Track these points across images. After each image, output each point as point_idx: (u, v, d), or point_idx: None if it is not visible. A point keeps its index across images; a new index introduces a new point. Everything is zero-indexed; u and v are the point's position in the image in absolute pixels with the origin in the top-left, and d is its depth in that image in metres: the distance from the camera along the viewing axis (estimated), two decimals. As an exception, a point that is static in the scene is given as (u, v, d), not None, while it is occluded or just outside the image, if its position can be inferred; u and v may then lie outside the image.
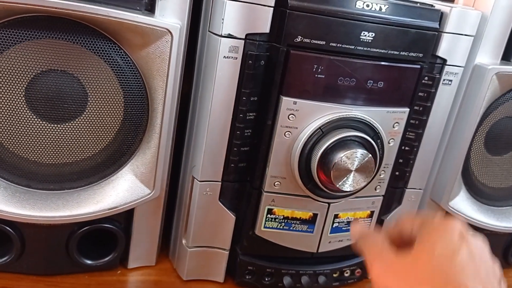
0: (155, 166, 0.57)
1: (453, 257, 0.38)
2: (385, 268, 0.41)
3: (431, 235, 0.41)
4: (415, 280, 0.38)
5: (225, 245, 0.62)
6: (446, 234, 0.40)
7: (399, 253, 0.41)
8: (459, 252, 0.39)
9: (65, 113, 0.52)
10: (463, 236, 0.40)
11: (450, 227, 0.41)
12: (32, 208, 0.55)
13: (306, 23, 0.51)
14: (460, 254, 0.38)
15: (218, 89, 0.54)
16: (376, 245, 0.44)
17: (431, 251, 0.39)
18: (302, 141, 0.55)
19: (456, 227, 0.41)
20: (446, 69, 0.59)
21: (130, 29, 0.49)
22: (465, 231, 0.41)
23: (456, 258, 0.38)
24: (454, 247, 0.39)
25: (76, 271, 0.62)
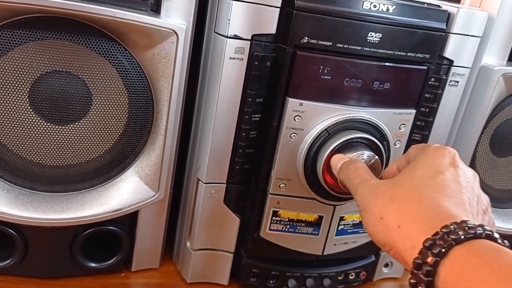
0: (160, 168, 0.56)
1: (434, 177, 0.39)
2: (368, 189, 0.42)
3: (419, 161, 0.42)
4: (391, 197, 0.39)
5: (229, 248, 0.62)
6: (436, 158, 0.41)
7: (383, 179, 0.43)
8: (442, 174, 0.39)
9: (69, 115, 0.52)
10: (453, 162, 0.40)
11: (442, 153, 0.41)
12: (35, 211, 0.54)
13: (313, 24, 0.51)
14: (443, 175, 0.39)
15: (223, 90, 0.53)
16: (359, 172, 0.45)
17: (412, 174, 0.40)
18: (308, 143, 0.55)
19: (448, 154, 0.41)
20: (453, 70, 0.59)
21: (135, 30, 0.49)
22: (457, 159, 0.41)
23: (437, 178, 0.39)
24: (439, 169, 0.39)
25: (80, 274, 0.61)
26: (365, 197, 0.42)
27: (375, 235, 0.39)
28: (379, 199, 0.40)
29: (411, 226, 0.36)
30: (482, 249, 0.32)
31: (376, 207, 0.39)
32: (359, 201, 0.42)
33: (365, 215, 0.41)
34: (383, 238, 0.38)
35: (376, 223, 0.39)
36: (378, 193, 0.41)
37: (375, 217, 0.39)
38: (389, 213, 0.38)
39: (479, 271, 0.31)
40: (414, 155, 0.44)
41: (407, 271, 0.73)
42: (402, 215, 0.37)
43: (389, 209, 0.38)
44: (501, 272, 0.30)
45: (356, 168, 0.47)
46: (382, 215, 0.38)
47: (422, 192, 0.38)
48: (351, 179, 0.46)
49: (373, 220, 0.39)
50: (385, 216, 0.38)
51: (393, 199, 0.39)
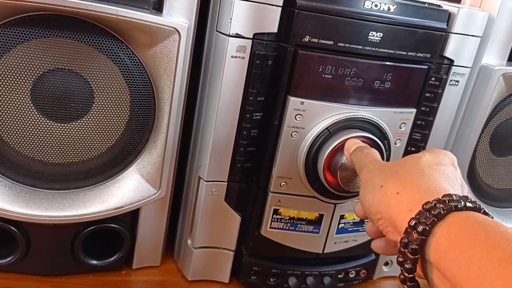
0: (161, 166, 0.57)
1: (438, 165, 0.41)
2: (376, 166, 0.44)
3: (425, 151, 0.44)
4: (395, 171, 0.41)
5: (230, 246, 0.62)
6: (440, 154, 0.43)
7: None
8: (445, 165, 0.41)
9: (71, 112, 0.52)
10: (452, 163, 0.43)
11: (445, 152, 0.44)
12: (37, 208, 0.54)
13: (314, 23, 0.51)
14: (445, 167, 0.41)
15: (225, 88, 0.53)
16: (372, 155, 0.47)
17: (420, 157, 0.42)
18: (309, 141, 0.55)
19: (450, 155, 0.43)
20: (453, 69, 0.59)
21: (138, 28, 0.49)
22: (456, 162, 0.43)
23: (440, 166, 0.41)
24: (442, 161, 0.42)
25: (81, 271, 0.61)
26: (371, 171, 0.43)
27: (369, 202, 0.41)
28: (383, 172, 0.42)
29: (410, 193, 0.38)
30: (481, 217, 0.33)
31: (378, 178, 0.41)
32: (364, 175, 0.44)
33: (364, 185, 0.43)
34: (378, 204, 0.40)
35: (374, 190, 0.41)
36: (384, 168, 0.43)
37: (374, 185, 0.41)
38: (390, 182, 0.40)
39: (475, 235, 0.31)
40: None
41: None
42: (402, 184, 0.39)
43: (390, 179, 0.40)
44: (495, 237, 0.31)
45: (370, 151, 0.48)
46: (383, 183, 0.40)
47: (425, 172, 0.40)
48: (362, 159, 0.47)
49: (372, 188, 0.41)
50: (385, 184, 0.40)
51: (397, 173, 0.40)
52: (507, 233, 0.31)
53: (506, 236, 0.31)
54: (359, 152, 0.49)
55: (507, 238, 0.30)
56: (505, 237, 0.30)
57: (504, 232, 0.31)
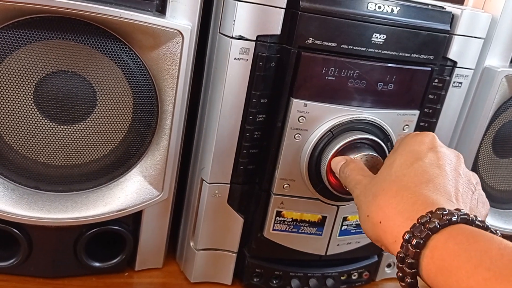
0: (164, 168, 0.57)
1: (412, 164, 0.40)
2: (360, 191, 0.43)
3: (397, 151, 0.42)
4: (374, 193, 0.40)
5: (233, 248, 0.62)
6: (414, 145, 0.42)
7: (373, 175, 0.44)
8: (420, 160, 0.40)
9: (74, 115, 0.52)
10: (432, 147, 0.41)
11: (420, 139, 0.42)
12: (40, 210, 0.54)
13: (318, 25, 0.51)
14: (421, 162, 0.39)
15: (228, 90, 0.53)
16: (352, 174, 0.47)
17: (390, 165, 0.41)
18: (312, 143, 0.55)
19: (426, 139, 0.42)
20: (456, 71, 0.59)
21: (141, 31, 0.49)
22: (436, 143, 0.41)
23: (415, 165, 0.39)
24: (417, 155, 0.40)
25: (84, 274, 0.61)
26: (358, 197, 0.43)
27: (366, 232, 0.41)
28: (366, 197, 0.41)
29: (390, 220, 0.37)
30: (459, 236, 0.33)
31: (364, 206, 0.41)
32: (355, 202, 0.44)
33: (359, 212, 0.42)
34: (372, 234, 0.40)
35: (365, 220, 0.40)
36: (366, 192, 0.42)
37: (363, 215, 0.40)
38: (372, 210, 0.39)
39: (457, 257, 0.31)
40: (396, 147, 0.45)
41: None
42: (382, 210, 0.38)
43: (372, 206, 0.39)
44: (476, 257, 0.30)
45: (350, 170, 0.48)
46: (368, 212, 0.40)
47: (400, 183, 0.39)
48: (348, 183, 0.47)
49: (363, 218, 0.41)
50: (370, 213, 0.39)
51: (375, 195, 0.40)
52: (487, 248, 0.31)
53: (487, 252, 0.30)
54: (342, 174, 0.49)
55: (488, 254, 0.30)
56: (486, 253, 0.30)
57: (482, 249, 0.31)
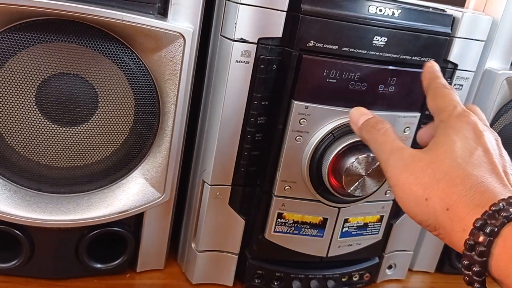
0: (166, 170, 0.57)
1: (470, 154, 0.38)
2: (403, 163, 0.40)
3: (449, 134, 0.41)
4: (434, 176, 0.38)
5: (234, 249, 0.62)
6: (462, 132, 0.40)
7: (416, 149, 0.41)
8: (475, 151, 0.39)
9: (76, 116, 0.52)
10: (477, 134, 0.40)
11: (467, 123, 0.41)
12: (42, 212, 0.54)
13: (319, 28, 0.51)
14: (477, 152, 0.39)
15: (229, 93, 0.54)
16: (389, 136, 0.44)
17: (449, 149, 0.39)
18: (313, 145, 0.55)
19: (470, 126, 0.40)
20: (457, 74, 0.59)
21: (143, 33, 0.49)
22: (479, 129, 0.40)
23: (473, 155, 0.38)
24: (471, 145, 0.39)
25: (86, 275, 0.61)
26: (401, 172, 0.40)
27: (417, 215, 0.38)
28: (420, 177, 0.38)
29: (459, 208, 0.35)
30: None
31: (418, 187, 0.38)
32: (391, 174, 0.40)
33: (401, 193, 0.39)
34: (428, 219, 0.37)
35: (419, 203, 0.38)
36: (416, 169, 0.39)
37: (418, 197, 0.38)
38: (435, 195, 0.37)
39: None
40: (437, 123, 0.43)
41: (411, 272, 0.74)
42: (448, 197, 0.36)
43: (434, 191, 0.37)
44: None
45: (385, 130, 0.44)
46: (427, 196, 0.37)
47: (465, 171, 0.37)
48: (380, 143, 0.43)
49: (416, 200, 0.38)
50: (430, 198, 0.37)
51: (436, 179, 0.37)
52: None
53: None
54: (373, 129, 0.45)
55: None
56: None
57: None
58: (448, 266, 0.75)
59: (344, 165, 0.53)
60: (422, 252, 0.73)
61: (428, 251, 0.73)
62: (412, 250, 0.71)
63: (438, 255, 0.74)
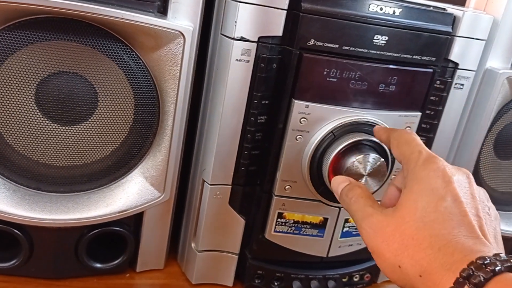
0: (166, 169, 0.57)
1: (436, 209, 0.37)
2: (374, 229, 0.40)
3: (413, 190, 0.39)
4: (401, 242, 0.37)
5: (234, 249, 0.62)
6: (428, 184, 0.39)
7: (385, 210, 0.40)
8: (442, 202, 0.37)
9: (75, 115, 0.52)
10: (445, 180, 0.38)
11: (433, 172, 0.39)
12: (41, 211, 0.54)
13: (319, 26, 0.51)
14: (444, 203, 0.37)
15: (229, 92, 0.53)
16: (359, 204, 0.43)
17: (413, 209, 0.38)
18: (313, 145, 0.55)
19: (437, 173, 0.39)
20: (458, 73, 0.59)
21: (143, 32, 0.49)
22: (448, 174, 0.39)
23: (439, 209, 0.37)
24: (437, 197, 0.38)
25: (85, 275, 0.61)
26: (373, 239, 0.39)
27: (395, 281, 0.38)
28: (390, 244, 0.38)
29: (432, 274, 0.35)
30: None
31: (390, 254, 0.38)
32: (367, 242, 0.40)
33: (377, 260, 0.39)
34: (406, 284, 0.37)
35: (394, 271, 0.37)
36: (386, 235, 0.38)
37: (391, 265, 0.37)
38: (406, 262, 0.36)
39: None
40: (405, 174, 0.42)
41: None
42: (419, 263, 0.35)
43: (404, 257, 0.37)
44: None
45: (356, 198, 0.44)
46: (399, 263, 0.37)
47: (431, 231, 0.36)
48: (352, 212, 0.43)
49: (391, 268, 0.38)
50: (402, 264, 0.37)
51: (405, 245, 0.37)
52: None
53: None
54: (346, 198, 0.45)
55: None
56: None
57: None
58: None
59: (345, 165, 0.53)
60: (422, 252, 0.72)
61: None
62: (412, 251, 0.70)
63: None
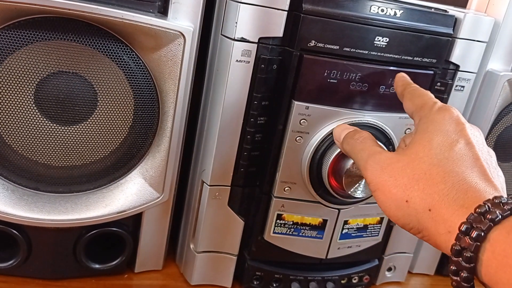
0: (165, 170, 0.56)
1: (450, 148, 0.37)
2: (381, 166, 0.38)
3: (428, 129, 0.39)
4: (413, 176, 0.36)
5: (233, 250, 0.62)
6: (443, 126, 0.38)
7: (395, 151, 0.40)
8: (456, 144, 0.37)
9: (74, 115, 0.52)
10: (459, 126, 0.38)
11: (449, 116, 0.39)
12: (40, 211, 0.54)
13: (320, 28, 0.51)
14: (458, 145, 0.37)
15: (229, 92, 0.53)
16: (366, 143, 0.42)
17: (428, 146, 0.37)
18: (313, 146, 0.55)
19: (452, 118, 0.39)
20: (459, 75, 0.59)
21: (143, 32, 0.49)
22: (462, 121, 0.39)
23: (454, 149, 0.36)
24: (451, 139, 0.37)
25: (83, 275, 0.61)
26: (379, 175, 0.38)
27: (399, 218, 0.37)
28: (398, 179, 0.36)
29: (442, 208, 0.34)
30: None
31: (397, 189, 0.36)
32: (370, 179, 0.39)
33: (381, 196, 0.38)
34: (411, 222, 0.36)
35: (400, 206, 0.36)
36: (394, 170, 0.37)
37: (398, 199, 0.36)
38: (415, 196, 0.35)
39: None
40: (417, 122, 0.42)
41: (410, 275, 0.73)
42: (430, 197, 0.34)
43: (414, 191, 0.35)
44: None
45: (363, 138, 0.43)
46: (408, 197, 0.35)
47: (445, 168, 0.35)
48: (358, 151, 0.42)
49: (396, 203, 0.36)
50: (411, 199, 0.35)
51: (416, 179, 0.36)
52: None
53: None
54: (351, 139, 0.44)
55: None
56: None
57: None
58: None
59: (345, 166, 0.52)
60: (422, 254, 0.72)
61: (427, 254, 0.72)
62: (412, 253, 0.70)
63: (438, 258, 0.74)
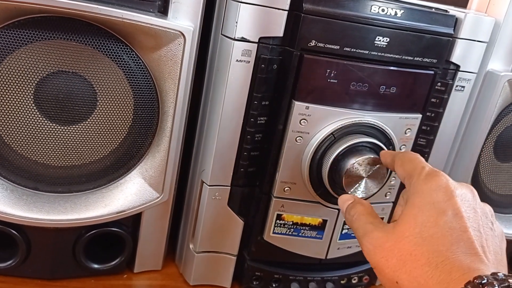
0: (165, 170, 0.56)
1: (435, 224, 0.37)
2: (374, 246, 0.40)
3: (415, 203, 0.39)
4: (400, 257, 0.37)
5: (233, 250, 0.62)
6: (429, 197, 0.39)
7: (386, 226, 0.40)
8: (443, 216, 0.37)
9: (74, 115, 0.52)
10: (448, 195, 0.38)
11: (435, 185, 0.39)
12: (39, 211, 0.54)
13: (321, 27, 0.51)
14: (444, 218, 0.37)
15: (229, 92, 0.53)
16: (360, 221, 0.43)
17: (413, 223, 0.38)
18: (313, 146, 0.54)
19: (440, 186, 0.39)
20: (459, 75, 0.59)
21: (143, 31, 0.49)
22: (450, 188, 0.39)
23: (439, 223, 0.37)
24: (438, 211, 0.37)
25: (82, 275, 0.61)
26: (373, 256, 0.39)
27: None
28: (389, 260, 0.38)
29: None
30: None
31: (388, 270, 0.38)
32: (368, 258, 0.40)
33: (379, 276, 0.39)
34: None
35: (393, 286, 0.37)
36: (385, 251, 0.38)
37: (390, 280, 0.37)
38: (403, 278, 0.36)
39: None
40: (408, 188, 0.42)
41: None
42: (416, 280, 0.35)
43: (401, 273, 0.36)
44: None
45: (357, 215, 0.44)
46: (397, 279, 0.37)
47: (429, 247, 0.36)
48: (354, 229, 0.44)
49: (389, 283, 0.38)
50: (400, 281, 0.36)
51: (403, 261, 0.37)
52: None
53: None
54: (348, 216, 0.46)
55: None
56: None
57: None
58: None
59: (345, 167, 0.52)
60: (421, 254, 0.72)
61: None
62: (411, 253, 0.70)
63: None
